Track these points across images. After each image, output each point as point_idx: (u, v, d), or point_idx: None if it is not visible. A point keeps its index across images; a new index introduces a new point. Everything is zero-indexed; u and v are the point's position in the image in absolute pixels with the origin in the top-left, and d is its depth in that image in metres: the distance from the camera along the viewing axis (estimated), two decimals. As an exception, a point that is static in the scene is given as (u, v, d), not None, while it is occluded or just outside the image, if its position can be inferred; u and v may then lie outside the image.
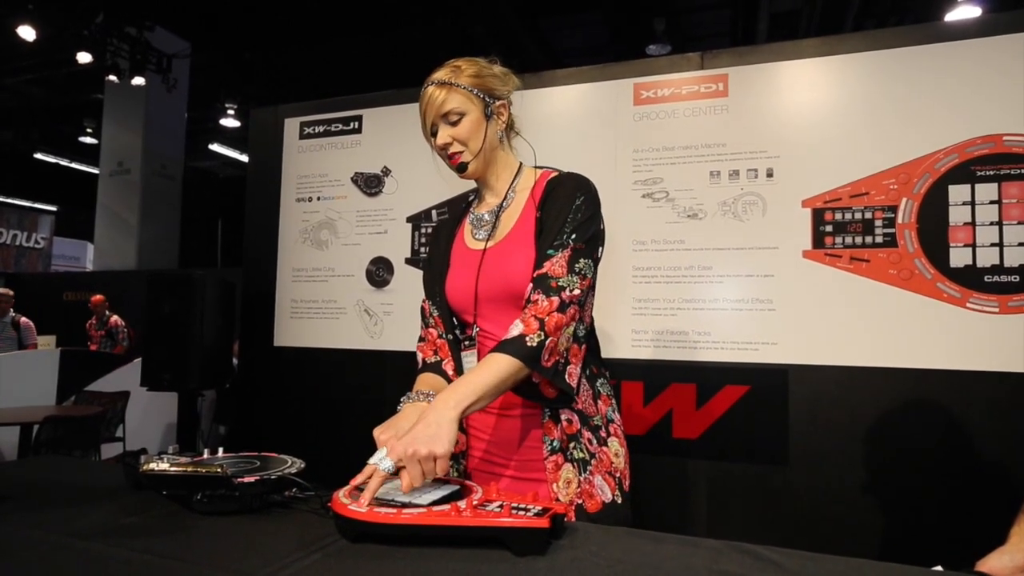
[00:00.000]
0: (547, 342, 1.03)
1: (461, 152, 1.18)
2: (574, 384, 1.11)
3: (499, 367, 1.01)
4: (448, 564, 0.74)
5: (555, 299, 1.05)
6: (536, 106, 2.62)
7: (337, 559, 0.76)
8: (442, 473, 0.91)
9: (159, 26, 7.41)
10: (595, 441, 1.16)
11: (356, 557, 0.77)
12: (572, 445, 1.13)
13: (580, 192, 1.15)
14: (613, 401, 1.23)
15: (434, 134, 1.20)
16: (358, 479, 0.91)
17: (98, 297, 6.77)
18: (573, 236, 1.11)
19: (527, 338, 1.03)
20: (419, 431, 0.92)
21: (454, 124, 1.17)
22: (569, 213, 1.13)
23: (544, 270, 1.09)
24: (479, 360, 1.18)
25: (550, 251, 1.11)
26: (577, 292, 1.08)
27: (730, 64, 2.40)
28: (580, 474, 1.12)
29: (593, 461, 1.14)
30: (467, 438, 1.23)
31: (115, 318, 6.82)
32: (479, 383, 0.99)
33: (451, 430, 0.93)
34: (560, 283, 1.07)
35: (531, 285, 1.09)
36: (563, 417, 1.14)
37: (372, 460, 0.92)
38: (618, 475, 1.17)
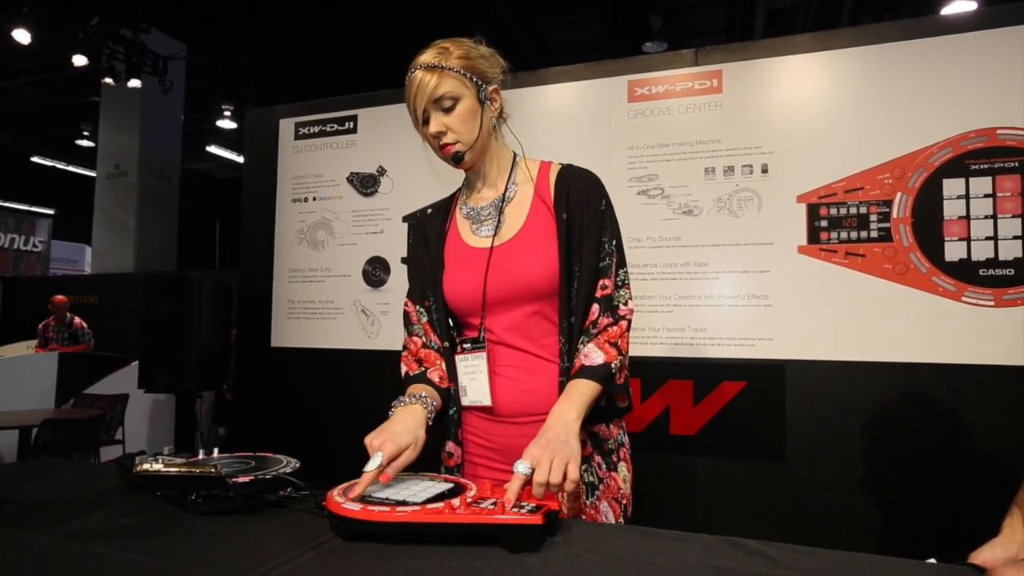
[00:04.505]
0: (623, 362, 1.09)
1: (455, 142, 1.11)
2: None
3: (590, 390, 1.04)
4: (442, 562, 0.74)
5: (623, 322, 1.10)
6: (531, 104, 2.62)
7: (331, 557, 0.77)
8: (574, 481, 0.91)
9: (154, 28, 7.39)
10: (604, 466, 1.14)
11: (350, 555, 0.77)
12: (583, 468, 1.10)
13: (603, 196, 1.15)
14: (624, 424, 1.21)
15: (425, 122, 1.11)
16: (357, 491, 0.87)
17: (60, 297, 6.40)
18: (614, 243, 1.13)
19: (611, 365, 1.06)
20: (552, 436, 0.95)
21: (447, 111, 1.09)
22: (600, 219, 1.13)
23: (608, 291, 1.11)
24: (489, 363, 1.14)
25: (601, 264, 1.11)
26: (632, 304, 1.12)
27: (724, 60, 2.40)
28: (587, 498, 1.11)
29: (601, 486, 1.12)
30: (462, 449, 1.18)
31: (78, 320, 6.52)
32: (583, 400, 1.03)
33: (577, 438, 0.97)
34: (617, 300, 1.11)
35: (597, 306, 1.10)
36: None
37: (368, 468, 0.90)
38: (624, 502, 1.15)
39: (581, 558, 0.76)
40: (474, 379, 1.15)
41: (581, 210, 1.12)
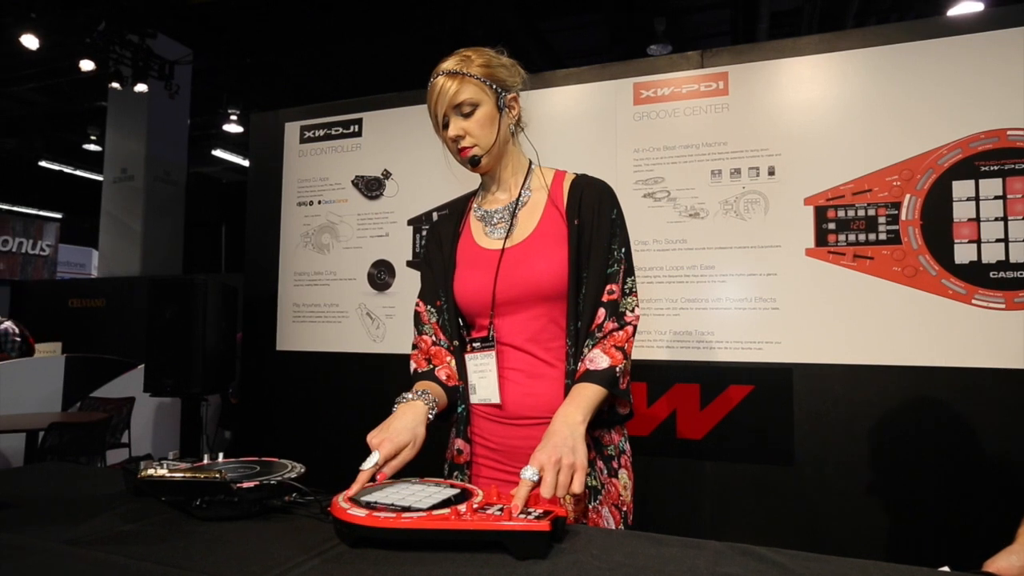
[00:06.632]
0: (626, 367, 1.10)
1: (473, 146, 1.14)
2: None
3: (595, 394, 1.04)
4: (448, 568, 0.74)
5: (629, 327, 1.11)
6: (537, 107, 2.61)
7: (336, 564, 0.76)
8: (579, 489, 0.90)
9: (161, 33, 7.43)
10: (606, 471, 1.14)
11: (355, 562, 0.76)
12: (587, 471, 1.11)
13: (614, 206, 1.17)
14: (625, 431, 1.20)
15: (445, 127, 1.15)
16: (353, 489, 0.88)
17: None
18: (623, 251, 1.14)
19: (616, 369, 1.07)
20: (558, 441, 0.94)
21: (467, 116, 1.13)
22: (610, 227, 1.14)
23: (615, 296, 1.12)
24: (498, 362, 1.15)
25: (609, 270, 1.12)
26: (638, 311, 1.13)
27: (730, 62, 2.39)
28: (589, 501, 1.11)
29: (603, 491, 1.12)
30: (471, 447, 1.19)
31: (8, 323, 5.72)
32: (589, 403, 1.02)
33: (584, 443, 0.96)
34: (624, 307, 1.12)
35: (603, 310, 1.10)
36: None
37: (364, 466, 0.91)
38: (624, 509, 1.15)
39: (589, 565, 0.75)
40: (483, 377, 1.16)
41: (592, 217, 1.14)
